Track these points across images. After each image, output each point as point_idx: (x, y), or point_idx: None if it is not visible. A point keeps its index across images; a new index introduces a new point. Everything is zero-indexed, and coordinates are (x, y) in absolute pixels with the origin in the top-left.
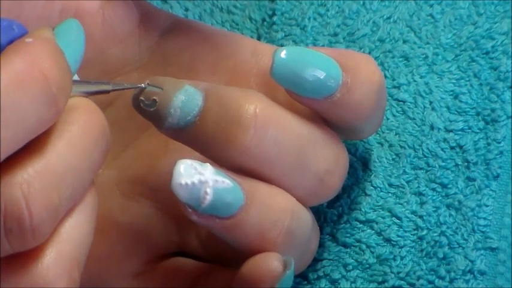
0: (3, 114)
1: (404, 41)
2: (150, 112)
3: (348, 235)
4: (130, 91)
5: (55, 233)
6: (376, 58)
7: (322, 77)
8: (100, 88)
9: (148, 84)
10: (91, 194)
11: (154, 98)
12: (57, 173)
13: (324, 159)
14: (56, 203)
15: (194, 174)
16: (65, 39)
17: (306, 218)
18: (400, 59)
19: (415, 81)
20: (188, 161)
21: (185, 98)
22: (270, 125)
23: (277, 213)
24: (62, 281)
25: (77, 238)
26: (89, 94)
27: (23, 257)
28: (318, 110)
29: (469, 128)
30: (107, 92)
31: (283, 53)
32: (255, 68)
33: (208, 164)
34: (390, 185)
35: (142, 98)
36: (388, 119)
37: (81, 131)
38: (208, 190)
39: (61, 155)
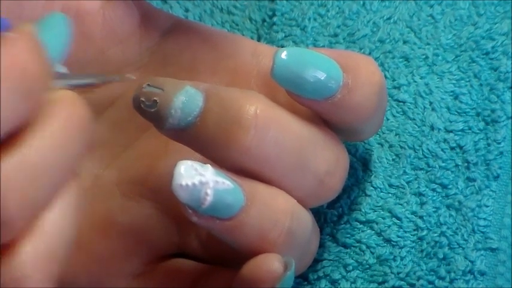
0: None
1: (405, 42)
2: (150, 113)
3: (348, 235)
4: (131, 91)
5: (33, 227)
6: (376, 59)
7: (322, 78)
8: (86, 81)
9: (142, 84)
10: (72, 188)
11: (155, 98)
12: (34, 167)
13: (324, 161)
14: (31, 198)
15: (195, 175)
16: (48, 33)
17: (306, 219)
18: (400, 60)
19: (415, 81)
20: (189, 162)
21: (186, 98)
22: (270, 126)
23: (277, 214)
24: (39, 273)
25: (56, 233)
26: (75, 87)
27: (1, 250)
28: (319, 111)
29: (469, 129)
30: (93, 85)
31: (283, 54)
32: (255, 69)
33: (208, 165)
34: (390, 185)
35: (142, 99)
36: (388, 119)
37: (61, 124)
38: (209, 191)
39: (39, 148)
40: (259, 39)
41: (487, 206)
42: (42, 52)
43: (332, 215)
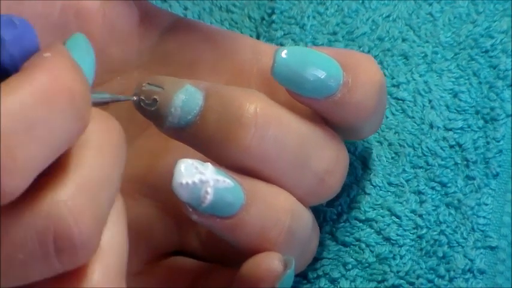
0: (33, 131)
1: (404, 40)
2: (150, 111)
3: (348, 234)
4: (132, 88)
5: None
6: (375, 57)
7: (322, 77)
8: (99, 99)
9: (139, 97)
10: (119, 200)
11: (154, 97)
12: (95, 184)
13: (324, 159)
14: (100, 214)
15: (195, 174)
16: (76, 53)
17: (307, 217)
18: (400, 58)
19: (415, 79)
20: (189, 161)
21: (186, 97)
22: (270, 124)
23: (277, 213)
24: None
25: (118, 247)
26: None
27: (71, 275)
28: (319, 109)
29: (469, 127)
30: (106, 103)
31: (284, 53)
32: (255, 67)
33: (209, 163)
34: (390, 183)
35: (142, 97)
36: (387, 117)
37: (103, 139)
38: (209, 190)
39: (93, 165)
40: (258, 38)
41: (487, 204)
42: (81, 71)
43: (331, 214)
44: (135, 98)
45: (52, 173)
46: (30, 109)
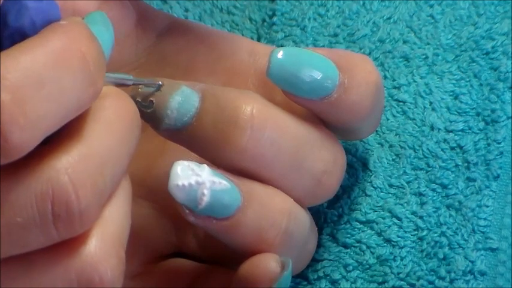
0: (43, 89)
1: (405, 42)
2: (147, 113)
3: (348, 235)
4: (128, 91)
5: (100, 217)
6: (376, 58)
7: (319, 78)
8: (122, 80)
9: (160, 84)
10: (126, 178)
11: (151, 99)
12: (99, 156)
13: (321, 160)
14: (101, 186)
15: (191, 176)
16: (94, 27)
17: (304, 218)
18: (400, 60)
19: (415, 81)
20: (185, 162)
21: (182, 99)
22: (266, 126)
23: (274, 214)
24: (112, 259)
25: (119, 220)
26: (112, 84)
27: (70, 242)
28: (315, 110)
29: (469, 129)
30: (127, 85)
31: (279, 54)
32: (252, 68)
33: (205, 165)
34: (390, 185)
35: (139, 99)
36: (388, 119)
37: (116, 115)
38: (206, 191)
39: (101, 138)
40: (259, 39)
41: (487, 206)
42: (97, 40)
43: (332, 215)
44: (160, 82)
45: (59, 141)
46: (42, 67)
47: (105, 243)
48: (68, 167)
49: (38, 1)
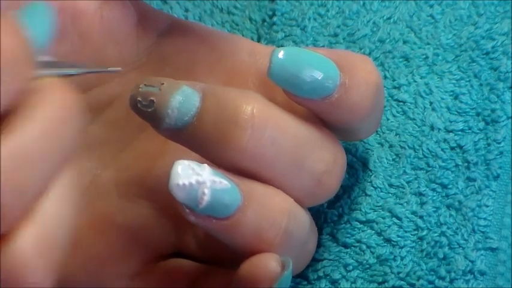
0: None
1: (405, 42)
2: (147, 113)
3: (348, 235)
4: (129, 90)
5: (29, 215)
6: (376, 58)
7: (319, 78)
8: (72, 70)
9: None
10: (69, 175)
11: (151, 98)
12: (24, 155)
13: (322, 160)
14: (24, 186)
15: (192, 175)
16: (29, 19)
17: (304, 218)
18: (400, 60)
19: (415, 81)
20: (186, 162)
21: (182, 98)
22: (267, 126)
23: (274, 214)
24: (39, 259)
25: (53, 220)
26: (62, 76)
27: None
28: (316, 110)
29: (469, 129)
30: (78, 74)
31: (280, 54)
32: (252, 68)
33: (205, 164)
34: (390, 185)
35: (139, 99)
36: (388, 119)
37: (49, 112)
38: (206, 191)
39: (28, 137)
40: (259, 39)
41: (487, 206)
42: (22, 34)
43: (332, 215)
44: (119, 69)
45: None
46: None
47: (32, 244)
48: None
49: None
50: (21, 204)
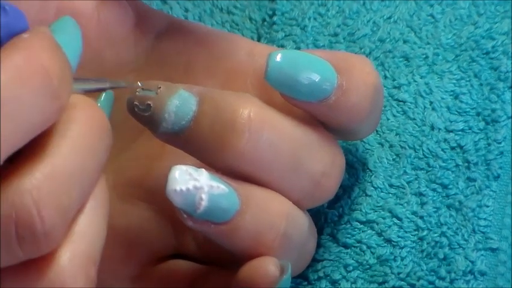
0: (4, 109)
1: (405, 41)
2: (144, 117)
3: (349, 236)
4: (127, 93)
5: (68, 233)
6: (376, 58)
7: (317, 80)
8: (98, 86)
9: (142, 86)
10: (100, 189)
11: (148, 102)
12: (65, 174)
13: (320, 162)
14: (66, 205)
15: (189, 180)
16: (61, 36)
17: (303, 221)
18: (401, 59)
19: (416, 81)
20: (183, 167)
21: (179, 102)
22: (264, 129)
23: (273, 218)
24: (79, 280)
25: (90, 235)
26: (86, 92)
27: (38, 261)
28: (314, 112)
29: (470, 129)
30: (104, 89)
31: (277, 57)
32: (251, 68)
33: (203, 169)
34: (391, 185)
35: (136, 103)
36: (388, 119)
37: (83, 128)
38: (204, 196)
39: (66, 155)
40: (259, 39)
41: (488, 206)
42: (62, 52)
43: (332, 215)
44: (139, 83)
45: (23, 159)
46: (3, 87)
47: (73, 262)
48: (31, 188)
49: (3, 16)
50: (64, 223)
